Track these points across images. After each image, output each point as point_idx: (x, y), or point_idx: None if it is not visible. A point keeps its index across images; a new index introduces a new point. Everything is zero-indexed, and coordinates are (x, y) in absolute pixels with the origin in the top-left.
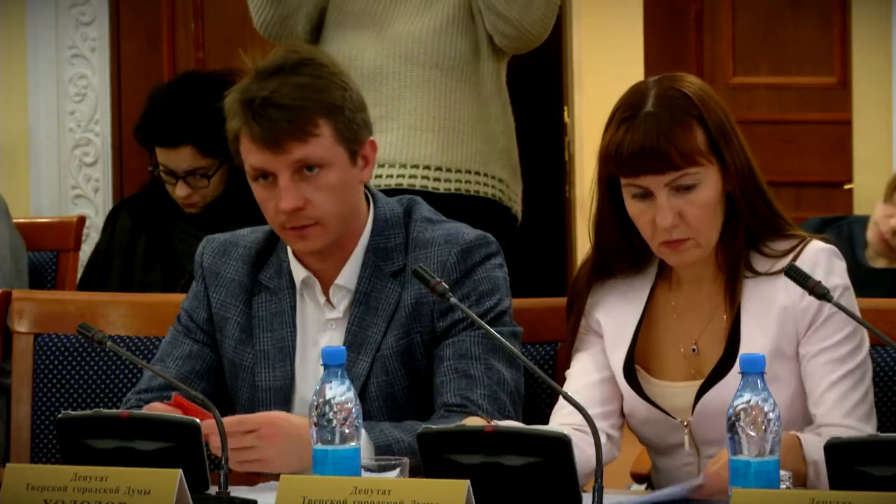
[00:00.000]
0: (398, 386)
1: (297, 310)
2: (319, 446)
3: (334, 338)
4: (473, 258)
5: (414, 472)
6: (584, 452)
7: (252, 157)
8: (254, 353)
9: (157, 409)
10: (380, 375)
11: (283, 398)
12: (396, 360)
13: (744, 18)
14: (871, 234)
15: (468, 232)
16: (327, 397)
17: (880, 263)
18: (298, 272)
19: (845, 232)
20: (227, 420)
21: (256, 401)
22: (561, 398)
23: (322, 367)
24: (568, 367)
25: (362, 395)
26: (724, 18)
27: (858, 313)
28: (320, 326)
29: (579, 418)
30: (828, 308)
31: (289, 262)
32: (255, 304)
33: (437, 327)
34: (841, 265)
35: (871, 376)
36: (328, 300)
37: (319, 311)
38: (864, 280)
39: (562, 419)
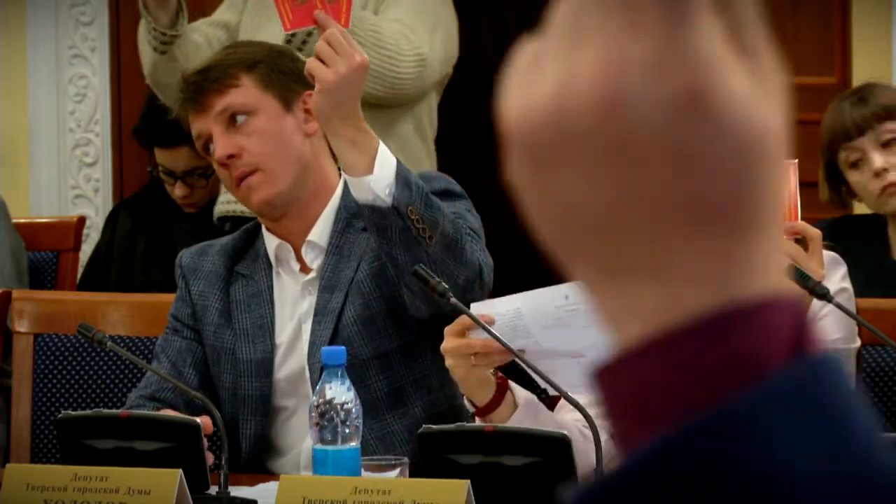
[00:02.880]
0: (375, 308)
1: (273, 289)
2: (319, 446)
3: (313, 300)
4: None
5: (414, 469)
6: (585, 450)
7: (192, 127)
8: (233, 333)
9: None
10: (355, 301)
11: (265, 370)
12: (370, 283)
13: None
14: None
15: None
16: (328, 397)
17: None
18: (271, 242)
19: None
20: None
21: (238, 374)
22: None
23: (301, 340)
24: None
25: (338, 326)
26: None
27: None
28: (298, 297)
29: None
30: (827, 309)
31: (265, 247)
32: (233, 291)
33: None
34: (842, 270)
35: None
36: (303, 266)
37: (296, 281)
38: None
39: (568, 414)
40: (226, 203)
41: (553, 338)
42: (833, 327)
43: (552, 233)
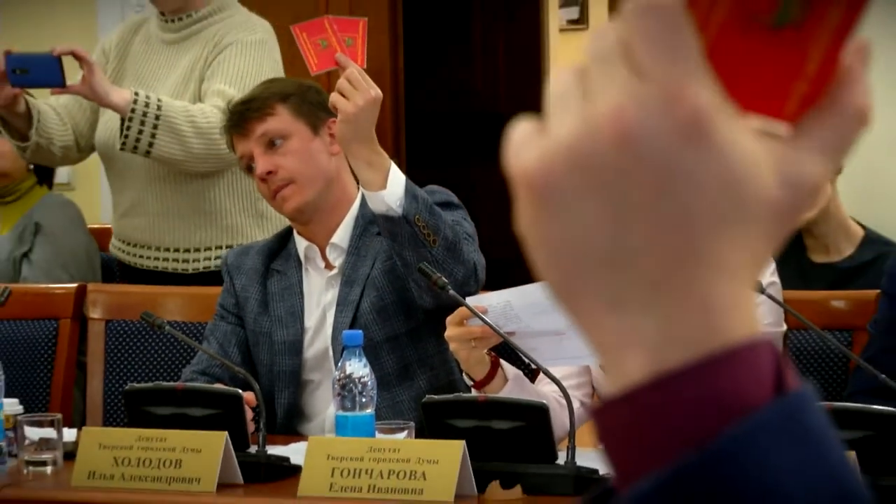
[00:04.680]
0: (387, 299)
1: (303, 283)
2: (341, 413)
3: (335, 291)
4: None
5: (418, 432)
6: (561, 416)
7: (236, 149)
8: (270, 319)
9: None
10: (371, 294)
11: (296, 350)
12: (384, 278)
13: None
14: None
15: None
16: (348, 372)
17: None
18: (301, 244)
19: None
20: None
21: (274, 353)
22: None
23: (326, 324)
24: None
25: (356, 313)
26: None
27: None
28: (323, 289)
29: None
30: (760, 299)
31: (296, 248)
32: (269, 285)
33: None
34: (772, 266)
35: None
36: (327, 264)
37: (321, 276)
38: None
39: (547, 386)
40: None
41: (538, 322)
42: (766, 314)
43: (562, 272)
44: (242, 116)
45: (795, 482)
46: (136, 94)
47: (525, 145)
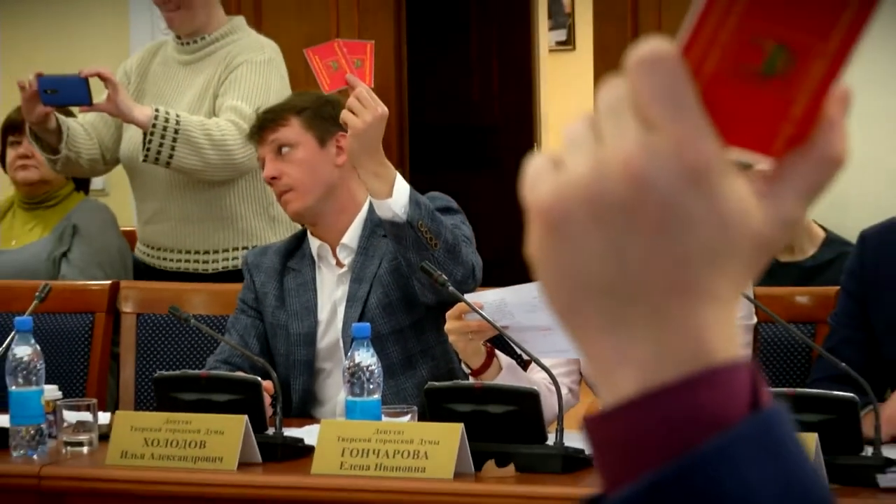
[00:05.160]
0: (392, 296)
1: (316, 280)
2: (350, 398)
3: (345, 288)
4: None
5: (420, 416)
6: (551, 401)
7: (257, 153)
8: (286, 313)
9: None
10: (377, 291)
11: (310, 341)
12: (389, 276)
13: None
14: None
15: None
16: (356, 361)
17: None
18: (314, 244)
19: None
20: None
21: (290, 344)
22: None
23: (337, 318)
24: None
25: (364, 308)
26: None
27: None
28: (334, 286)
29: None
30: None
31: (309, 248)
32: (286, 281)
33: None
34: None
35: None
36: (338, 262)
37: (333, 273)
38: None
39: (537, 374)
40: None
41: (530, 318)
42: (739, 309)
43: (566, 294)
44: (260, 124)
45: (766, 491)
46: (157, 110)
47: (541, 179)
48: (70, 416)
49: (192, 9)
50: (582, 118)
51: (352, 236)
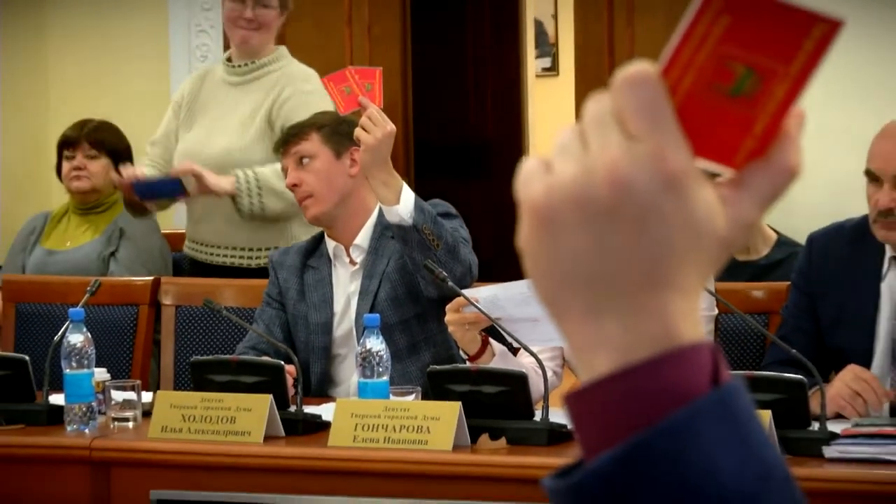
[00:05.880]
0: (399, 290)
1: (332, 276)
2: (362, 380)
3: (358, 283)
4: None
5: (423, 395)
6: (537, 383)
7: (281, 163)
8: (306, 305)
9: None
10: (386, 285)
11: (327, 330)
12: (397, 273)
13: None
14: None
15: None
16: (368, 348)
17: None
18: (331, 245)
19: None
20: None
21: (309, 332)
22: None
23: (350, 309)
24: None
25: (374, 301)
26: None
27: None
28: (348, 281)
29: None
30: None
31: (327, 248)
32: (306, 277)
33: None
34: None
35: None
36: (351, 260)
37: (347, 270)
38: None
39: (526, 359)
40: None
41: (519, 310)
42: (701, 301)
43: (552, 283)
44: (285, 139)
45: (725, 456)
46: (237, 174)
47: (533, 179)
48: (117, 396)
49: (270, 31)
50: (569, 128)
51: (363, 238)
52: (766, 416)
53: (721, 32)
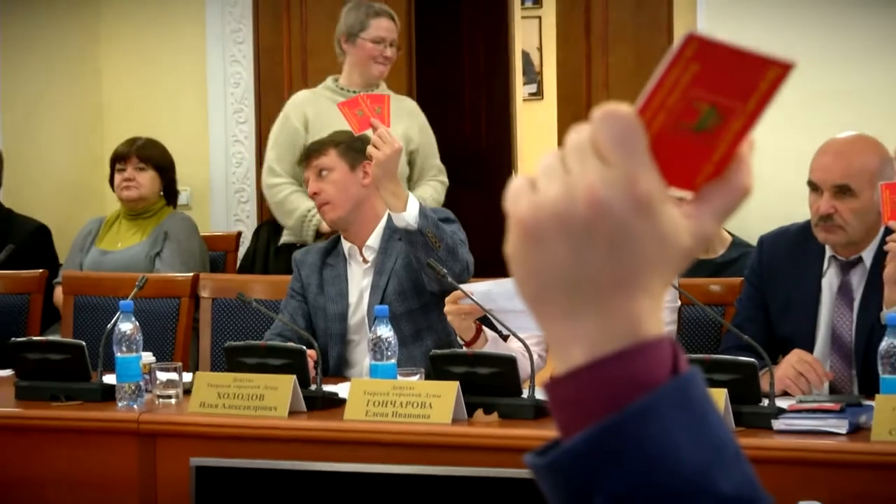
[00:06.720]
0: (405, 285)
1: (347, 273)
2: (373, 362)
3: (370, 279)
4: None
5: (426, 376)
6: (525, 365)
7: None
8: (325, 298)
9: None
10: (394, 281)
11: (343, 318)
12: (403, 270)
13: None
14: None
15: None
16: (378, 334)
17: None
18: (346, 246)
19: None
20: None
21: (328, 321)
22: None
23: (363, 301)
24: None
25: (384, 294)
26: None
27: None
28: (361, 277)
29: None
30: None
31: (343, 248)
32: (325, 274)
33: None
34: None
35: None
36: (364, 259)
37: (360, 268)
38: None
39: (515, 344)
40: (286, 236)
41: (510, 303)
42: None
43: (534, 287)
44: (307, 153)
45: (683, 434)
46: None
47: (520, 196)
48: (161, 376)
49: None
50: (553, 152)
51: (374, 240)
52: (721, 394)
53: (690, 78)
